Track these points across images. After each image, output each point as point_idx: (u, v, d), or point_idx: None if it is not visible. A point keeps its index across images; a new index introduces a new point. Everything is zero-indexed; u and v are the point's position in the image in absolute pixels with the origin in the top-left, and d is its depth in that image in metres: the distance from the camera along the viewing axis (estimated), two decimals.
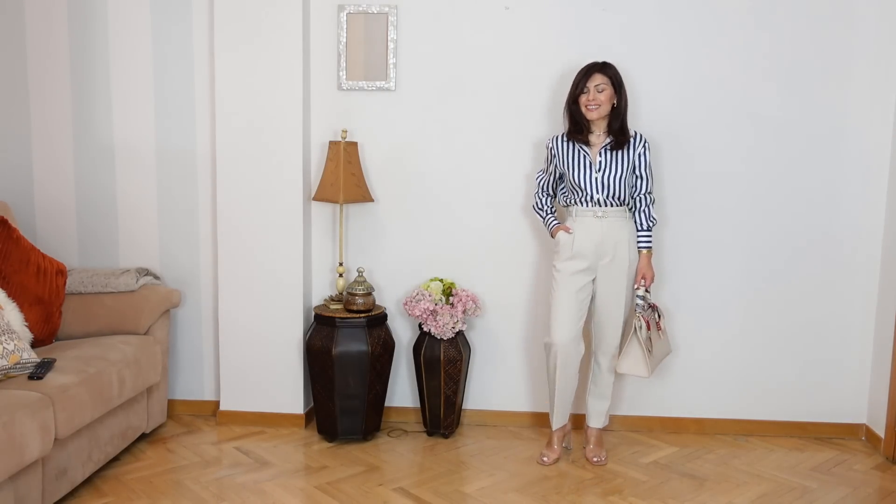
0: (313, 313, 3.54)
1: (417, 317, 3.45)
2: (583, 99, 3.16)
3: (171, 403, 3.76)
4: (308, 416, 3.69)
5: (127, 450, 3.32)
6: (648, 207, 3.24)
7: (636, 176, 3.21)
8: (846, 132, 3.50)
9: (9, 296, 3.06)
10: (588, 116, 3.16)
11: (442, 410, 3.53)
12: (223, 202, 3.57)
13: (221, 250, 3.60)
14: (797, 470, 3.30)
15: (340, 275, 3.57)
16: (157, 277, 3.59)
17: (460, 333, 3.53)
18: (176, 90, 3.63)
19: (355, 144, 3.51)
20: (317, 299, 3.73)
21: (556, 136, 3.28)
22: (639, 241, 3.24)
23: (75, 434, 2.81)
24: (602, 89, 3.12)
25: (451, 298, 3.50)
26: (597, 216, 3.19)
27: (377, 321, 3.48)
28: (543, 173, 3.36)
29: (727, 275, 3.60)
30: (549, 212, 3.35)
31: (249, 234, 3.57)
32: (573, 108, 3.19)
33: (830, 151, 3.52)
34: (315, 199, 3.52)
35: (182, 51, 3.60)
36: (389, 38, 3.55)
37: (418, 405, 3.66)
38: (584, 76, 3.14)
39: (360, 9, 3.54)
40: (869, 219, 3.54)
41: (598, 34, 3.49)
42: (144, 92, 3.63)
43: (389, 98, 3.60)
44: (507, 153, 3.59)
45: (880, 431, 3.49)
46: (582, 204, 3.21)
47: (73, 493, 2.90)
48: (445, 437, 3.57)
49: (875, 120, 3.48)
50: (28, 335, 3.07)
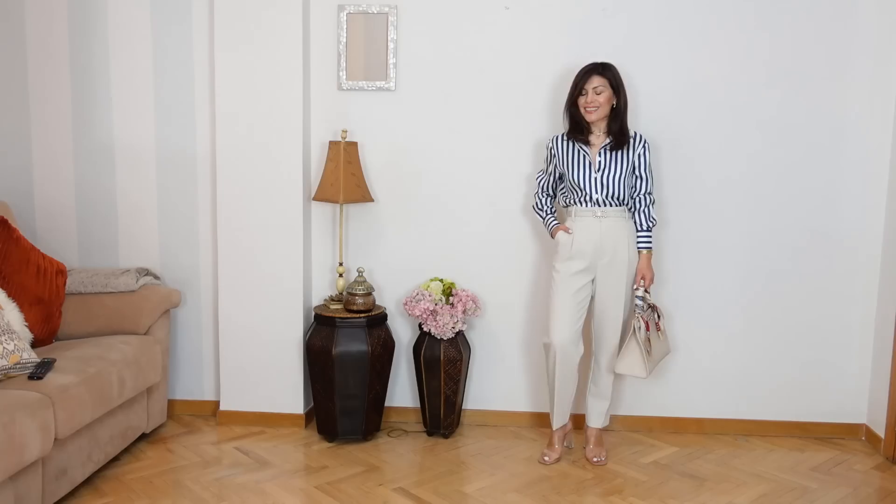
0: (313, 313, 3.54)
1: (417, 317, 3.45)
2: (581, 101, 3.16)
3: (171, 403, 3.76)
4: (308, 416, 3.69)
5: (127, 450, 3.32)
6: (648, 208, 3.24)
7: (636, 176, 3.22)
8: (846, 133, 3.50)
9: (9, 296, 3.06)
10: (587, 118, 3.16)
11: (442, 410, 3.53)
12: (223, 202, 3.57)
13: (221, 250, 3.60)
14: (797, 470, 3.30)
15: (340, 275, 3.57)
16: (157, 277, 3.59)
17: (460, 333, 3.53)
18: (176, 90, 3.63)
19: (355, 144, 3.51)
20: (317, 299, 3.73)
21: (556, 136, 3.28)
22: (638, 242, 3.24)
23: (75, 434, 2.81)
24: (600, 91, 3.12)
25: (451, 298, 3.50)
26: (596, 216, 3.19)
27: (377, 321, 3.48)
28: (543, 173, 3.36)
29: (727, 275, 3.60)
30: (549, 212, 3.35)
31: (249, 233, 3.58)
32: (572, 109, 3.20)
33: (831, 152, 3.52)
34: (315, 199, 3.52)
35: (182, 51, 3.60)
36: (389, 38, 3.55)
37: (418, 405, 3.66)
38: (582, 78, 3.14)
39: (360, 9, 3.54)
40: (869, 219, 3.54)
41: (598, 34, 3.49)
42: (144, 92, 3.63)
43: (389, 98, 3.60)
44: (507, 153, 3.59)
45: (880, 431, 3.49)
46: (581, 204, 3.21)
47: (73, 493, 2.90)
48: (445, 437, 3.57)
49: (875, 121, 3.48)
50: (28, 335, 3.07)
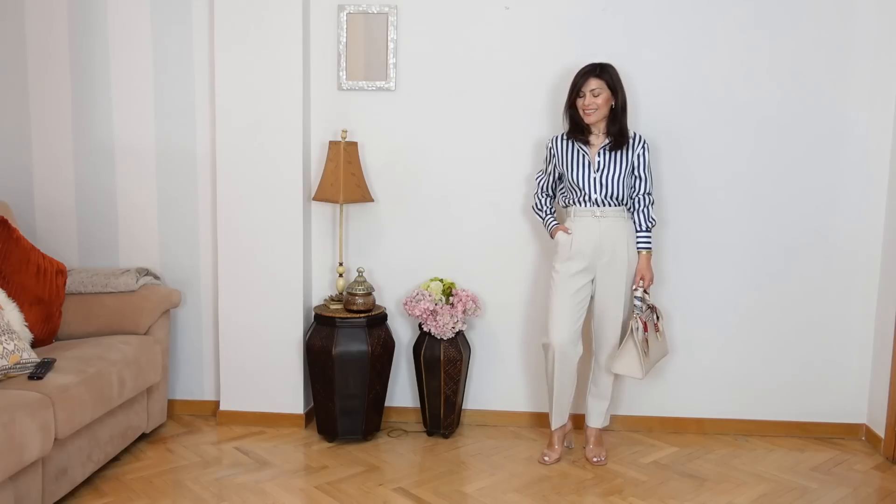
0: (313, 313, 3.54)
1: (417, 317, 3.45)
2: (580, 103, 3.16)
3: (171, 403, 3.76)
4: (308, 416, 3.69)
5: (127, 450, 3.32)
6: (647, 208, 3.24)
7: (635, 177, 3.21)
8: (846, 133, 3.50)
9: (9, 296, 3.06)
10: (586, 120, 3.16)
11: (442, 410, 3.53)
12: (223, 202, 3.57)
13: (221, 250, 3.60)
14: (797, 470, 3.30)
15: (340, 275, 3.57)
16: (157, 277, 3.59)
17: (460, 333, 3.53)
18: (176, 90, 3.63)
19: (355, 144, 3.51)
20: (317, 299, 3.73)
21: (555, 137, 3.28)
22: (638, 242, 3.24)
23: (75, 434, 2.81)
24: (598, 93, 3.12)
25: (451, 298, 3.50)
26: (595, 216, 3.18)
27: (377, 321, 3.48)
28: (543, 174, 3.36)
29: (727, 275, 3.60)
30: (549, 212, 3.35)
31: (249, 233, 3.58)
32: (571, 111, 3.20)
33: (831, 152, 3.51)
34: (315, 199, 3.52)
35: (182, 51, 3.60)
36: (389, 38, 3.55)
37: (418, 405, 3.66)
38: (580, 80, 3.15)
39: (360, 9, 3.54)
40: (869, 219, 3.54)
41: (598, 34, 3.49)
42: (144, 92, 3.63)
43: (389, 98, 3.60)
44: (507, 153, 3.59)
45: (880, 431, 3.49)
46: (580, 204, 3.21)
47: (73, 493, 2.90)
48: (445, 437, 3.57)
49: (875, 120, 3.48)
50: (28, 335, 3.07)
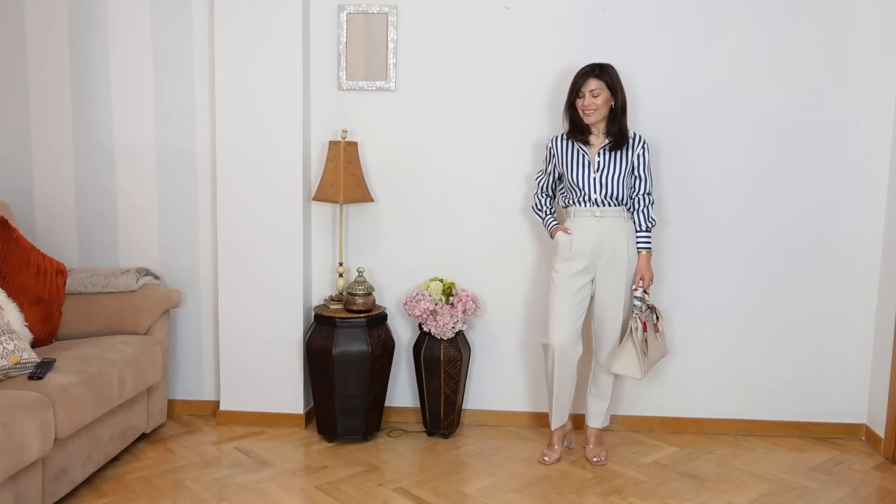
0: (313, 313, 3.54)
1: (417, 317, 3.45)
2: (579, 103, 3.16)
3: (171, 403, 3.76)
4: (308, 416, 3.69)
5: (127, 450, 3.32)
6: (647, 208, 3.24)
7: (635, 177, 3.22)
8: (846, 133, 3.50)
9: (9, 296, 3.06)
10: (585, 121, 3.16)
11: (442, 410, 3.53)
12: (223, 202, 3.57)
13: (221, 250, 3.60)
14: (797, 470, 3.30)
15: (340, 275, 3.57)
16: (157, 277, 3.59)
17: (460, 333, 3.53)
18: (176, 90, 3.63)
19: (355, 144, 3.51)
20: (317, 299, 3.73)
21: (555, 137, 3.28)
22: (638, 242, 3.24)
23: (75, 434, 2.81)
24: (597, 94, 3.12)
25: (451, 298, 3.50)
26: (595, 216, 3.19)
27: (377, 321, 3.48)
28: (543, 174, 3.36)
29: (727, 275, 3.60)
30: (549, 213, 3.35)
31: (249, 234, 3.58)
32: (571, 111, 3.20)
33: (831, 152, 3.51)
34: (315, 199, 3.52)
35: (182, 51, 3.60)
36: (389, 38, 3.55)
37: (418, 405, 3.66)
38: (579, 81, 3.15)
39: (360, 9, 3.54)
40: (869, 219, 3.54)
41: (598, 34, 3.49)
42: (144, 92, 3.63)
43: (389, 98, 3.60)
44: (507, 153, 3.59)
45: (880, 431, 3.49)
46: (580, 204, 3.21)
47: (73, 493, 2.90)
48: (445, 437, 3.57)
49: (875, 121, 3.48)
50: (28, 335, 3.07)
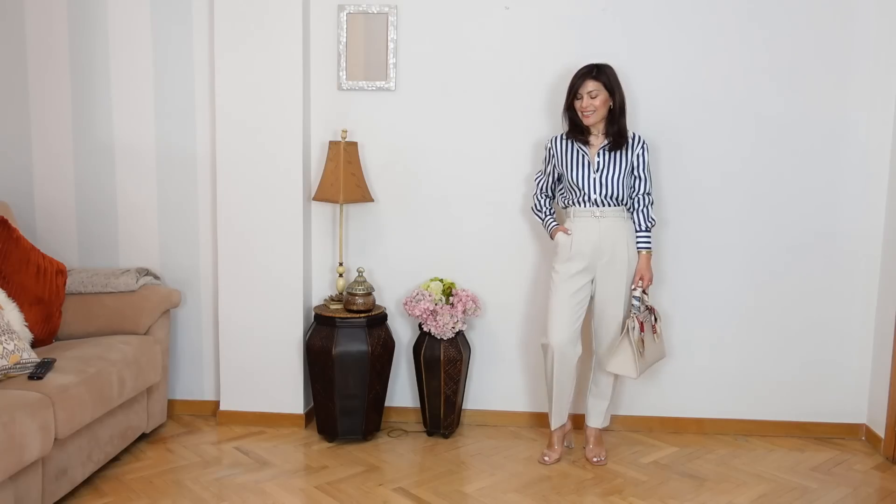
0: (313, 313, 3.54)
1: (417, 317, 3.45)
2: (577, 105, 3.16)
3: (171, 403, 3.76)
4: (308, 416, 3.69)
5: (127, 450, 3.32)
6: (647, 208, 3.24)
7: (635, 177, 3.22)
8: (846, 133, 3.50)
9: (9, 296, 3.06)
10: (584, 122, 3.16)
11: (442, 410, 3.53)
12: (223, 202, 3.57)
13: (221, 250, 3.60)
14: (797, 470, 3.30)
15: (340, 275, 3.57)
16: (157, 277, 3.59)
17: (460, 333, 3.53)
18: (176, 90, 3.63)
19: (355, 144, 3.51)
20: (317, 299, 3.73)
21: (555, 137, 3.28)
22: (638, 242, 3.24)
23: (75, 434, 2.81)
24: (595, 95, 3.12)
25: (451, 298, 3.50)
26: (595, 216, 3.18)
27: (377, 321, 3.48)
28: (542, 174, 3.36)
29: (727, 275, 3.60)
30: (548, 213, 3.35)
31: (249, 233, 3.58)
32: (570, 112, 3.20)
33: (831, 152, 3.51)
34: (315, 199, 3.52)
35: (182, 51, 3.60)
36: (389, 38, 3.55)
37: (418, 405, 3.66)
38: (577, 83, 3.15)
39: (360, 9, 3.54)
40: (869, 219, 3.54)
41: (598, 34, 3.49)
42: (144, 92, 3.63)
43: (389, 98, 3.60)
44: (507, 153, 3.59)
45: (880, 431, 3.49)
46: (580, 204, 3.21)
47: (73, 493, 2.90)
48: (445, 437, 3.57)
49: (875, 121, 3.48)
50: (28, 335, 3.07)
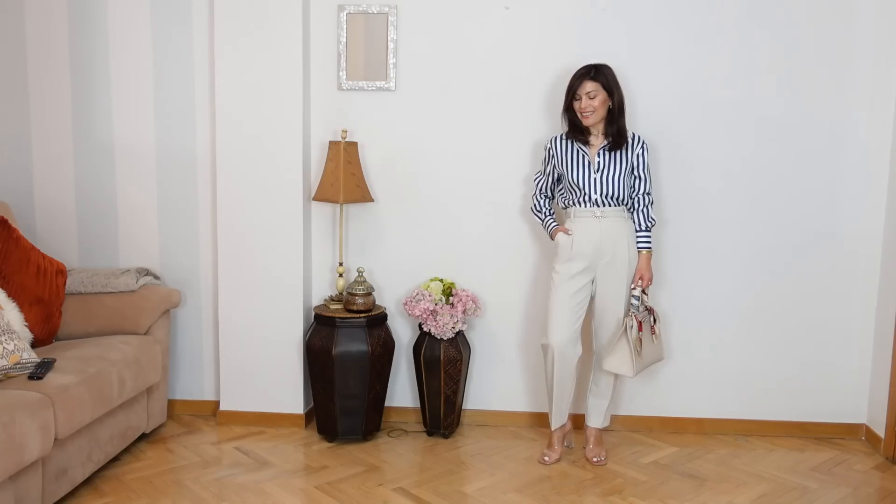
0: (313, 313, 3.54)
1: (417, 317, 3.45)
2: (576, 106, 3.16)
3: (171, 403, 3.76)
4: (308, 416, 3.69)
5: (127, 450, 3.32)
6: (647, 208, 3.24)
7: (634, 177, 3.22)
8: (846, 133, 3.50)
9: (9, 296, 3.06)
10: (584, 123, 3.16)
11: (442, 410, 3.53)
12: (223, 202, 3.57)
13: (221, 250, 3.60)
14: (797, 470, 3.30)
15: (340, 275, 3.57)
16: (157, 277, 3.59)
17: (460, 333, 3.53)
18: (176, 90, 3.63)
19: (355, 144, 3.51)
20: (317, 299, 3.73)
21: (555, 137, 3.28)
22: (638, 242, 3.24)
23: (75, 434, 2.81)
24: (594, 96, 3.12)
25: (451, 298, 3.50)
26: (595, 216, 3.18)
27: (377, 321, 3.48)
28: (541, 174, 3.36)
29: (727, 275, 3.60)
30: (548, 214, 3.35)
31: (249, 234, 3.58)
32: (569, 113, 3.20)
33: (830, 152, 3.51)
34: (315, 199, 3.52)
35: (182, 51, 3.60)
36: (389, 38, 3.55)
37: (418, 405, 3.66)
38: (575, 84, 3.15)
39: (360, 9, 3.54)
40: (869, 219, 3.54)
41: (598, 34, 3.49)
42: (144, 92, 3.63)
43: (389, 98, 3.60)
44: (506, 153, 3.59)
45: (880, 431, 3.49)
46: (580, 205, 3.21)
47: (73, 493, 2.90)
48: (445, 437, 3.57)
49: (875, 120, 3.48)
50: (28, 335, 3.07)
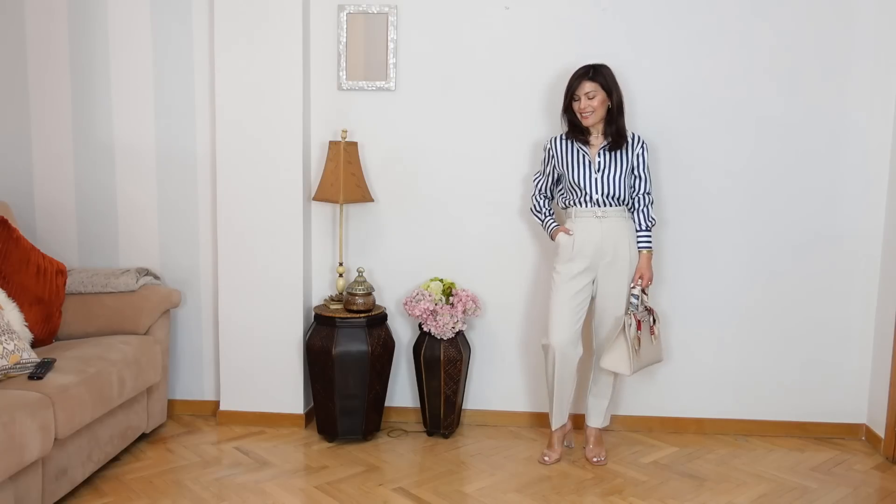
0: (313, 313, 3.54)
1: (417, 317, 3.45)
2: (576, 106, 3.16)
3: (171, 403, 3.76)
4: (308, 416, 3.69)
5: (127, 450, 3.32)
6: (647, 208, 3.24)
7: (635, 176, 3.22)
8: (846, 133, 3.50)
9: (9, 296, 3.06)
10: (584, 123, 3.16)
11: (442, 410, 3.53)
12: (223, 202, 3.57)
13: (221, 250, 3.60)
14: (797, 470, 3.30)
15: (340, 275, 3.57)
16: (157, 277, 3.59)
17: (460, 333, 3.53)
18: (176, 90, 3.63)
19: (355, 144, 3.51)
20: (317, 299, 3.73)
21: (555, 137, 3.28)
22: (638, 242, 3.24)
23: (75, 434, 2.81)
24: (592, 96, 3.12)
25: (451, 298, 3.50)
26: (596, 216, 3.18)
27: (377, 321, 3.48)
28: (541, 175, 3.36)
29: (727, 275, 3.60)
30: (548, 214, 3.35)
31: (249, 233, 3.58)
32: (569, 114, 3.20)
33: (831, 152, 3.51)
34: (315, 199, 3.52)
35: (182, 51, 3.60)
36: (389, 38, 3.55)
37: (418, 405, 3.66)
38: (574, 84, 3.15)
39: (360, 9, 3.54)
40: (869, 219, 3.54)
41: (598, 34, 3.49)
42: (144, 92, 3.63)
43: (389, 98, 3.60)
44: (506, 153, 3.59)
45: (880, 431, 3.49)
46: (581, 205, 3.21)
47: (73, 493, 2.90)
48: (445, 437, 3.57)
49: (875, 121, 3.48)
50: (28, 335, 3.07)
